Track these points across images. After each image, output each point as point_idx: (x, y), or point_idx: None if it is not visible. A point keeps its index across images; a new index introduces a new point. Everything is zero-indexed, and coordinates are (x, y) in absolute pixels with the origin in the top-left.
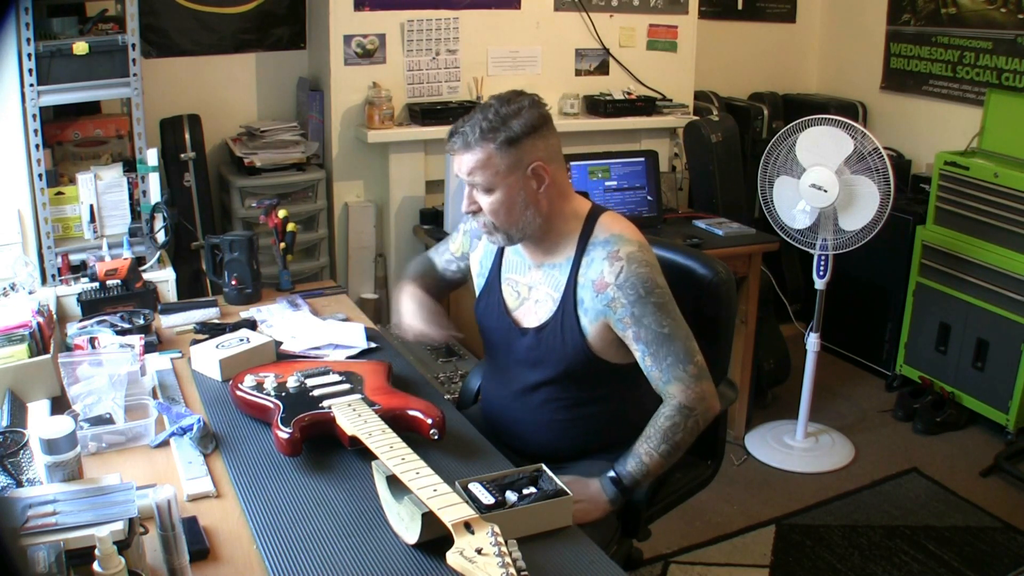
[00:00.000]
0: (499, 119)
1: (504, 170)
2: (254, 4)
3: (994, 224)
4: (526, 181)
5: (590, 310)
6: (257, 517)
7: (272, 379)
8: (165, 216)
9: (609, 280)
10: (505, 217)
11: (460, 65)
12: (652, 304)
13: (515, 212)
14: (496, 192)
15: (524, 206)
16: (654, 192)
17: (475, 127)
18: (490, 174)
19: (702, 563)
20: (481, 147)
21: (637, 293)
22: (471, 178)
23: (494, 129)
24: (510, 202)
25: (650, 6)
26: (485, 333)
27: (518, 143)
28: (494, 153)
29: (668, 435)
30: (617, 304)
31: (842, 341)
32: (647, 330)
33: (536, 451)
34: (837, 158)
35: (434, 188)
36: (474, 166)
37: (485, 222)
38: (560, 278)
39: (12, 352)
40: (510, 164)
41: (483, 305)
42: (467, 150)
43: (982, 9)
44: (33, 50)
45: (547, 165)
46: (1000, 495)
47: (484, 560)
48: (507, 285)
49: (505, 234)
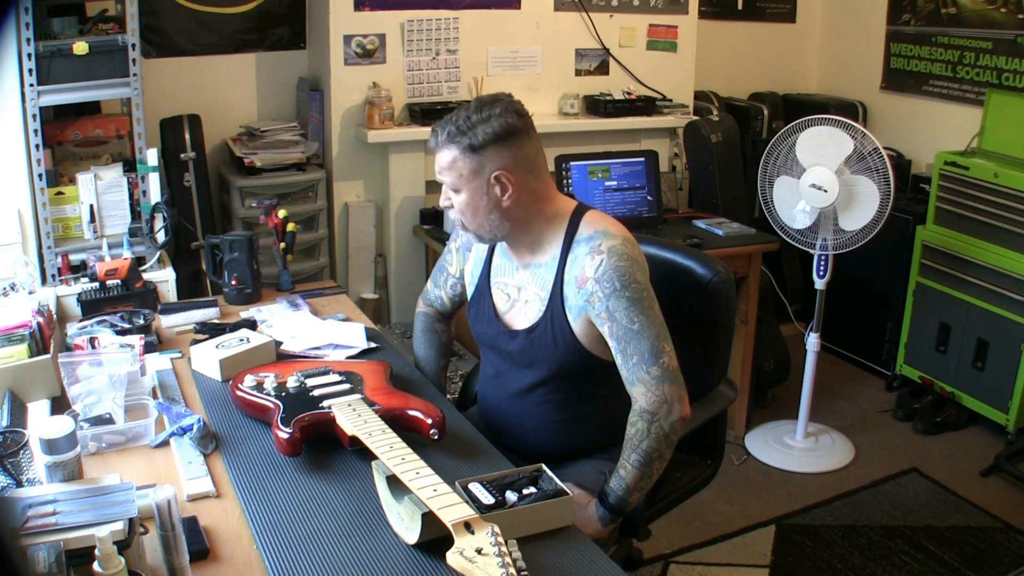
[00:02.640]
0: (467, 125)
1: (467, 174)
2: (254, 4)
3: (994, 224)
4: (489, 187)
5: (574, 307)
6: (257, 517)
7: (272, 379)
8: (165, 216)
9: (589, 274)
10: (471, 218)
11: (460, 65)
12: (625, 298)
13: (479, 215)
14: (461, 193)
15: (488, 210)
16: (654, 192)
17: (444, 129)
18: (455, 176)
19: (702, 563)
20: (447, 149)
21: (613, 286)
22: (441, 176)
23: (461, 133)
24: (474, 205)
25: (650, 6)
26: (478, 338)
27: (481, 151)
28: (458, 156)
29: (634, 444)
30: (595, 298)
31: (842, 341)
32: (618, 325)
33: (535, 452)
34: (837, 158)
35: (434, 188)
36: (443, 165)
37: (459, 220)
38: (547, 277)
39: (12, 352)
40: (472, 169)
41: (474, 311)
42: (437, 149)
43: (982, 9)
44: (33, 50)
45: (512, 174)
46: (1000, 495)
47: (484, 560)
48: (497, 289)
49: (475, 234)
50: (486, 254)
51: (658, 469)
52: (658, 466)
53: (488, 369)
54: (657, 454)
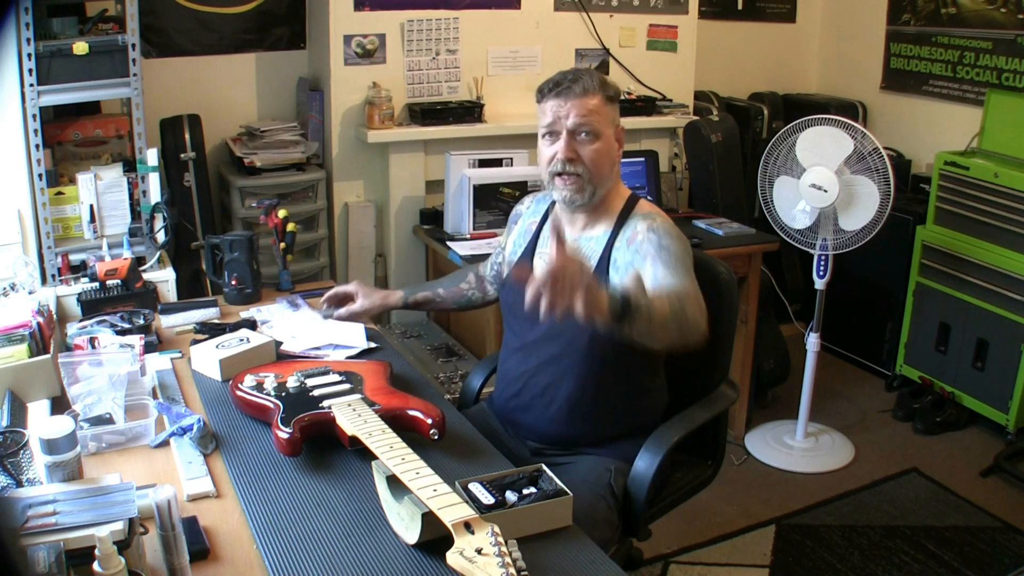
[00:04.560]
0: (600, 77)
1: (609, 121)
2: (254, 4)
3: (994, 224)
4: (614, 139)
5: (621, 266)
6: (257, 517)
7: (272, 379)
8: (165, 216)
9: (641, 230)
10: (603, 165)
11: (460, 65)
12: (679, 253)
13: (606, 165)
14: (599, 141)
15: (611, 162)
16: (654, 192)
17: (590, 76)
18: (602, 120)
19: (702, 563)
20: (598, 94)
21: (670, 236)
22: (585, 119)
23: (604, 81)
24: (609, 152)
25: (650, 6)
26: (510, 309)
27: (613, 102)
28: (603, 103)
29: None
30: (645, 243)
31: (842, 341)
32: (671, 256)
33: (548, 433)
34: (837, 158)
35: (434, 188)
36: (592, 108)
37: (580, 173)
38: (596, 248)
39: (12, 352)
40: (611, 118)
41: (511, 280)
42: (586, 95)
43: (982, 9)
44: (33, 50)
45: (622, 131)
46: (1000, 495)
47: (484, 560)
48: (540, 259)
49: (592, 189)
50: (535, 229)
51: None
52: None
53: (513, 341)
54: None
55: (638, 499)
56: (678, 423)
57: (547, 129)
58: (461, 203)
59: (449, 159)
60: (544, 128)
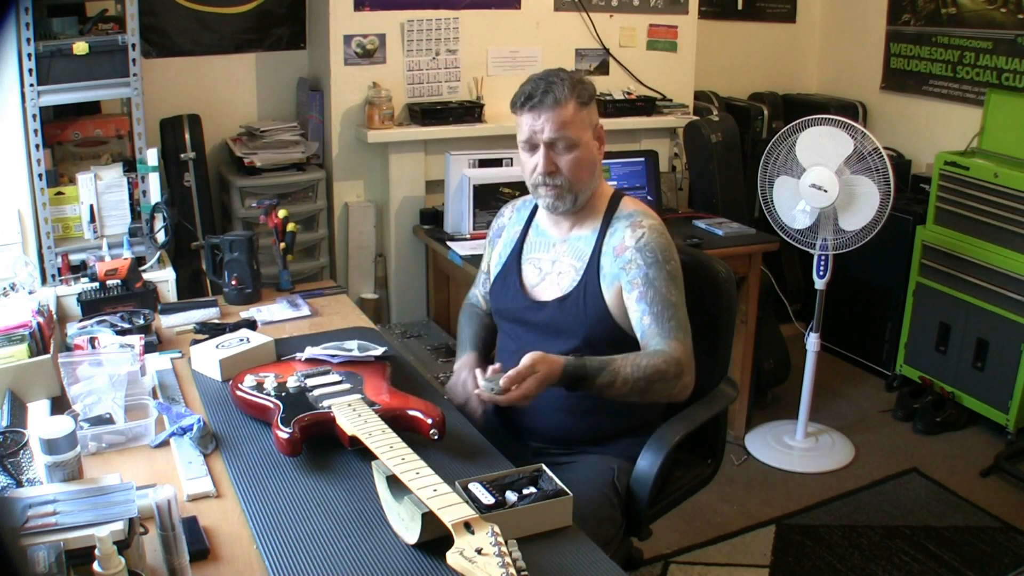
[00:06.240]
0: (572, 80)
1: (586, 125)
2: (254, 4)
3: (994, 224)
4: (593, 141)
5: (608, 275)
6: (257, 517)
7: (272, 379)
8: (165, 216)
9: (629, 244)
10: (585, 174)
11: (460, 65)
12: (667, 272)
13: (587, 171)
14: (578, 149)
15: (592, 167)
16: (654, 192)
17: (561, 83)
18: (578, 128)
19: (702, 563)
20: (571, 102)
21: (655, 257)
22: (561, 133)
23: (576, 84)
24: (589, 159)
25: (650, 6)
26: (500, 315)
27: (590, 104)
28: (578, 108)
29: (648, 372)
30: (632, 265)
31: (842, 341)
32: (656, 292)
33: (549, 433)
34: (837, 158)
35: (434, 188)
36: (566, 120)
37: (561, 184)
38: (585, 249)
39: (12, 352)
40: (589, 122)
41: (499, 286)
42: (558, 106)
43: (982, 9)
44: (33, 50)
45: (601, 128)
46: (1000, 495)
47: (484, 560)
48: (528, 264)
49: (573, 196)
50: (519, 235)
51: (636, 388)
52: (634, 395)
53: (509, 344)
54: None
55: (641, 497)
56: (679, 422)
57: (525, 143)
58: (461, 203)
59: (449, 159)
60: (522, 142)
